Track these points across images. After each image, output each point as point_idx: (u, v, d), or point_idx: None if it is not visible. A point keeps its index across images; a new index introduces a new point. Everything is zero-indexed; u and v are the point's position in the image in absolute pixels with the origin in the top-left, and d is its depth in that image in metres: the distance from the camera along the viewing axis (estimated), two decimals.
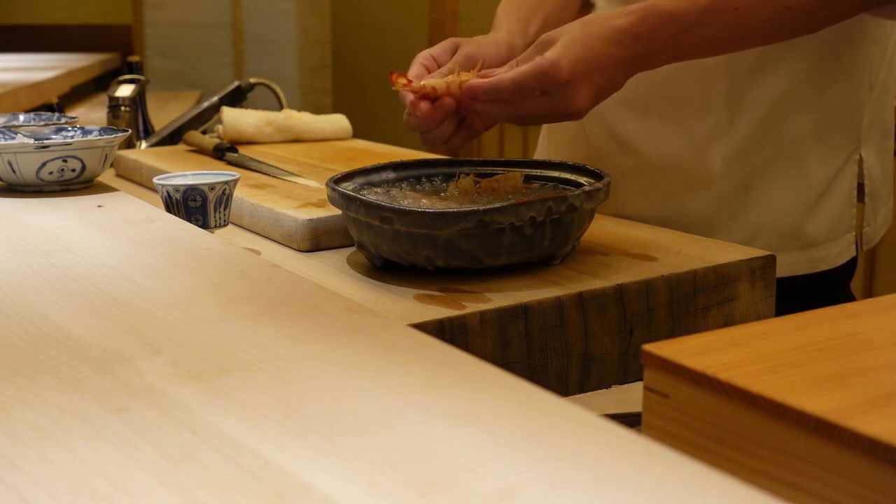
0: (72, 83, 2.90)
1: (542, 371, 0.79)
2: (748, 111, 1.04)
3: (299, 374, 0.49)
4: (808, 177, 1.05)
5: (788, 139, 1.04)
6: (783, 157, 1.05)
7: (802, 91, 1.04)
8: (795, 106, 1.04)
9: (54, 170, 0.96)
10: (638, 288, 0.83)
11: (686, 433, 0.50)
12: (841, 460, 0.43)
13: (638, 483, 0.37)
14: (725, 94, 1.04)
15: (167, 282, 0.66)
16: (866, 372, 0.48)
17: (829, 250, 1.07)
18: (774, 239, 1.05)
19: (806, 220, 1.06)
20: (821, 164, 1.05)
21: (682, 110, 1.06)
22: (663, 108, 1.07)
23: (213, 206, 0.91)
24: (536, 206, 0.80)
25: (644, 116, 1.09)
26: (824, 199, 1.06)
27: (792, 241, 1.06)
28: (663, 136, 1.08)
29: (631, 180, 1.09)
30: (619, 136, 1.11)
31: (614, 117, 1.10)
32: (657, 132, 1.08)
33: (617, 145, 1.11)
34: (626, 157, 1.10)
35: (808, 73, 1.03)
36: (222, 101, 1.60)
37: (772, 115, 1.04)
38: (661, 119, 1.08)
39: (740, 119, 1.04)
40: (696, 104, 1.05)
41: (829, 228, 1.07)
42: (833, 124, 1.05)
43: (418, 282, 0.83)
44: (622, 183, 1.09)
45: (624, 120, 1.10)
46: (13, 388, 0.48)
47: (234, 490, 0.37)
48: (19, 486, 0.38)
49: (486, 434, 0.41)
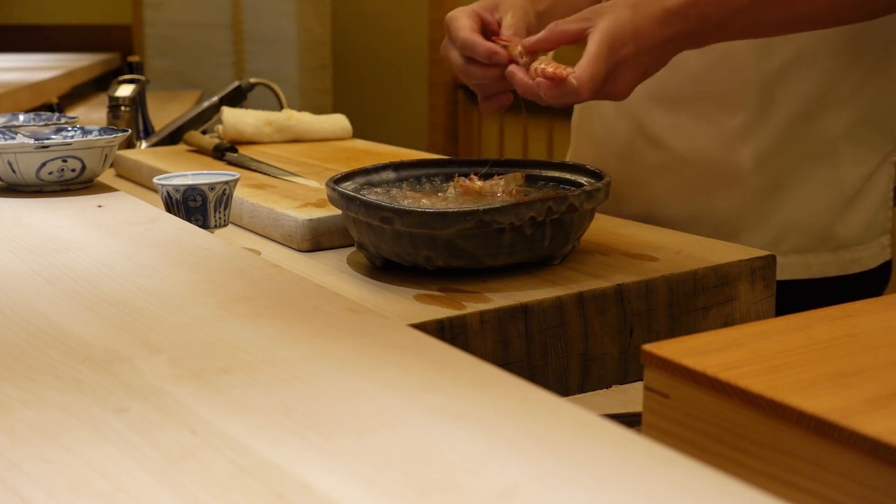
0: (72, 83, 2.90)
1: (542, 371, 0.79)
2: (780, 108, 1.02)
3: (299, 374, 0.49)
4: (841, 177, 1.03)
5: (821, 138, 1.03)
6: (815, 156, 1.03)
7: (837, 89, 1.02)
8: (829, 104, 1.02)
9: (54, 170, 0.96)
10: (638, 288, 0.83)
11: (686, 433, 0.50)
12: (841, 460, 0.43)
13: (638, 483, 0.37)
14: (757, 91, 1.02)
15: (167, 282, 0.66)
16: (866, 372, 0.48)
17: (862, 252, 1.05)
18: (805, 239, 1.04)
19: (838, 221, 1.04)
20: (855, 164, 1.03)
21: (712, 106, 1.05)
22: (694, 104, 1.06)
23: (213, 206, 0.92)
24: (536, 206, 0.80)
25: (674, 112, 1.07)
26: (857, 200, 1.04)
27: (823, 242, 1.04)
28: (693, 131, 1.06)
29: (659, 176, 1.08)
30: (649, 131, 1.09)
31: (644, 112, 1.09)
32: (687, 128, 1.07)
33: (646, 140, 1.09)
34: (655, 152, 1.09)
35: (842, 72, 1.02)
36: (222, 101, 1.60)
37: (804, 113, 1.02)
38: (691, 115, 1.06)
39: (772, 116, 1.02)
40: (727, 100, 1.04)
41: (861, 230, 1.05)
42: (868, 124, 1.03)
43: (418, 282, 0.83)
44: (650, 178, 1.08)
45: (653, 115, 1.08)
46: (13, 388, 0.48)
47: (234, 490, 0.37)
48: (19, 486, 0.38)
49: (486, 434, 0.41)
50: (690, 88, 1.05)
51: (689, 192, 1.07)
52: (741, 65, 1.02)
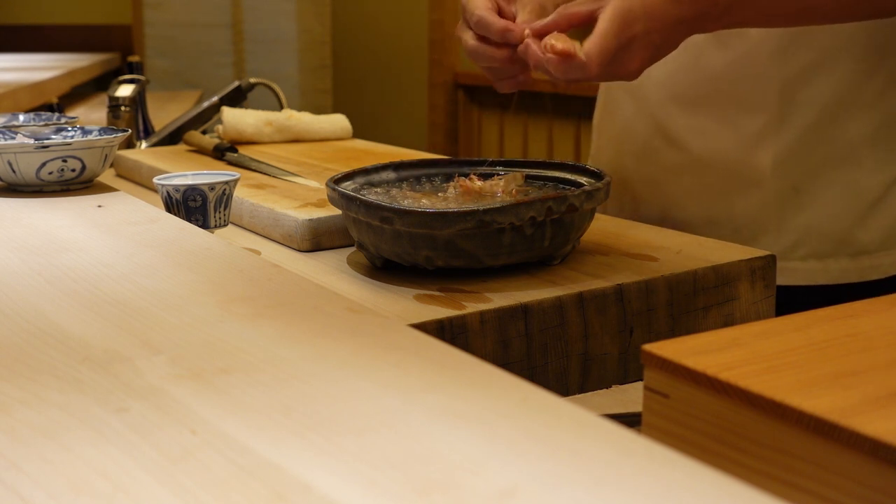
0: (72, 83, 2.90)
1: (542, 371, 0.79)
2: (800, 111, 1.01)
3: (299, 374, 0.49)
4: (862, 182, 1.02)
5: (843, 142, 1.01)
6: (836, 161, 1.02)
7: (859, 93, 1.01)
8: (851, 108, 1.01)
9: (54, 170, 0.96)
10: (638, 288, 0.83)
11: (686, 433, 0.50)
12: (841, 460, 0.43)
13: (638, 483, 0.37)
14: (777, 93, 1.01)
15: (167, 282, 0.66)
16: (866, 372, 0.48)
17: (882, 259, 1.04)
18: (824, 244, 1.02)
19: (858, 226, 1.02)
20: (877, 169, 1.02)
21: (732, 108, 1.04)
22: (713, 105, 1.05)
23: (213, 206, 0.92)
24: (536, 206, 0.80)
25: (693, 112, 1.06)
26: (879, 205, 1.03)
27: (842, 248, 1.03)
28: (712, 133, 1.05)
29: (678, 177, 1.07)
30: (668, 132, 1.08)
31: (663, 112, 1.08)
32: (706, 129, 1.06)
33: (665, 141, 1.09)
34: (673, 153, 1.08)
35: (865, 75, 1.01)
36: (222, 101, 1.60)
37: (826, 116, 1.01)
38: (711, 116, 1.05)
39: (792, 119, 1.01)
40: (746, 102, 1.03)
41: (883, 237, 1.03)
42: (891, 129, 1.02)
43: (418, 282, 0.83)
44: (669, 179, 1.07)
45: (673, 115, 1.08)
46: (13, 388, 0.48)
47: (234, 490, 0.37)
48: (19, 486, 0.38)
49: (486, 434, 0.41)
50: (711, 89, 1.04)
51: (708, 194, 1.06)
52: (762, 66, 1.01)
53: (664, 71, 1.06)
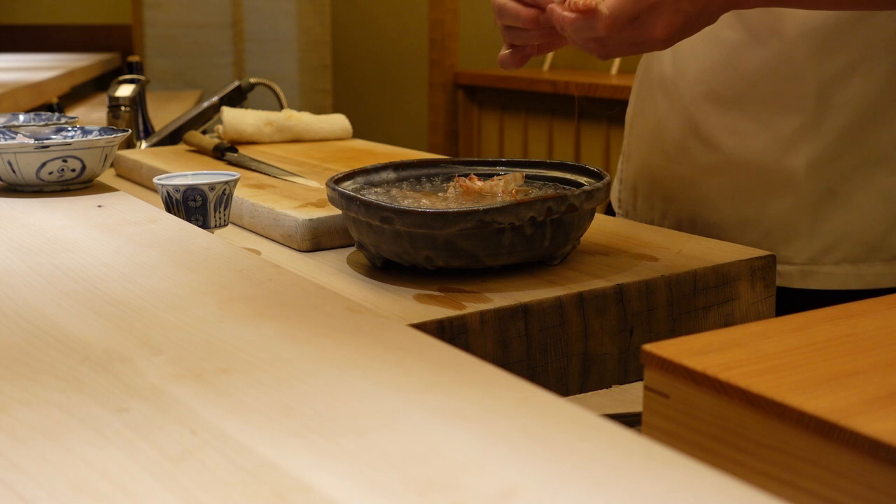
0: (72, 83, 2.90)
1: (542, 371, 0.79)
2: (838, 113, 1.00)
3: (299, 374, 0.49)
4: None
5: (879, 145, 1.00)
6: (872, 164, 1.00)
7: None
8: (889, 111, 0.99)
9: (54, 170, 0.96)
10: (638, 288, 0.83)
11: (686, 433, 0.50)
12: (841, 460, 0.43)
13: (638, 483, 0.37)
14: (814, 94, 0.99)
15: (167, 282, 0.66)
16: (866, 372, 0.48)
17: None
18: (858, 248, 1.01)
19: (893, 231, 1.01)
20: None
21: (767, 108, 1.02)
22: (748, 105, 1.03)
23: (213, 206, 0.92)
24: (536, 206, 0.80)
25: (728, 112, 1.04)
26: None
27: (877, 253, 1.01)
28: (747, 133, 1.03)
29: (711, 177, 1.06)
30: (701, 131, 1.07)
31: (697, 111, 1.07)
32: (740, 129, 1.04)
33: (698, 140, 1.07)
34: (707, 152, 1.07)
35: None
36: (222, 101, 1.60)
37: (863, 118, 0.99)
38: (746, 116, 1.04)
39: (829, 120, 1.00)
40: (782, 102, 1.01)
41: None
42: None
43: (418, 282, 0.83)
44: (702, 179, 1.06)
45: (707, 113, 1.06)
46: (13, 388, 0.48)
47: (234, 490, 0.37)
48: (19, 486, 0.38)
49: (486, 434, 0.41)
50: (746, 88, 1.03)
51: (740, 195, 1.04)
52: (799, 66, 0.99)
53: (698, 69, 1.05)
